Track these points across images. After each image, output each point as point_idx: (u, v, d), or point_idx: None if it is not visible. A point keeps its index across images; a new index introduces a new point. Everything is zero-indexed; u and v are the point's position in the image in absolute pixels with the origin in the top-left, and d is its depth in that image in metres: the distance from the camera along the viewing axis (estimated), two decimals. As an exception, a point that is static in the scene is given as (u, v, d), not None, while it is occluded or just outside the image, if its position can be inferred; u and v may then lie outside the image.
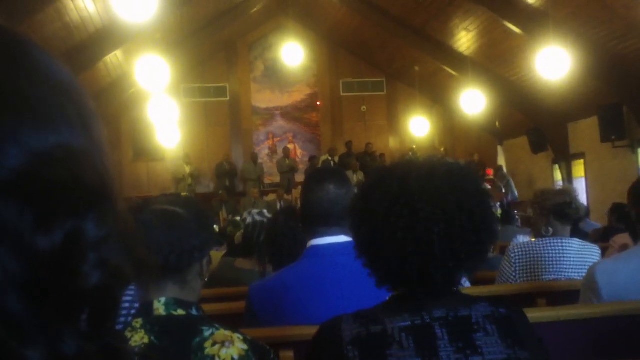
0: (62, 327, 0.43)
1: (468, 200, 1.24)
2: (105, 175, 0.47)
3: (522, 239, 4.03)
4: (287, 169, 14.78)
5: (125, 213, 0.50)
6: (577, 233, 3.54)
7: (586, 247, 3.20)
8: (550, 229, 3.22)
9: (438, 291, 1.26)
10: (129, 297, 1.95)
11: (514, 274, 3.20)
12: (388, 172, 1.32)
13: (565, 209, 3.19)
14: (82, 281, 0.44)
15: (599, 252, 3.27)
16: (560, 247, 3.15)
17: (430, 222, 1.21)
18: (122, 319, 1.93)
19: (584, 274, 3.06)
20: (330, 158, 14.68)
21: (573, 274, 3.11)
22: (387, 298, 1.33)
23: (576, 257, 3.14)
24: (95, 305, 0.46)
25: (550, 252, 3.15)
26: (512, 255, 3.22)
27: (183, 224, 1.45)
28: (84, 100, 0.49)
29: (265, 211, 3.89)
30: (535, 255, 3.17)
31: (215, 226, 9.81)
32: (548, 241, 3.18)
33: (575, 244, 3.18)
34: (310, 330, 1.80)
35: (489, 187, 9.46)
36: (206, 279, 1.58)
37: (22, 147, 0.42)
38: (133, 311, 1.87)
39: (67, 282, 0.43)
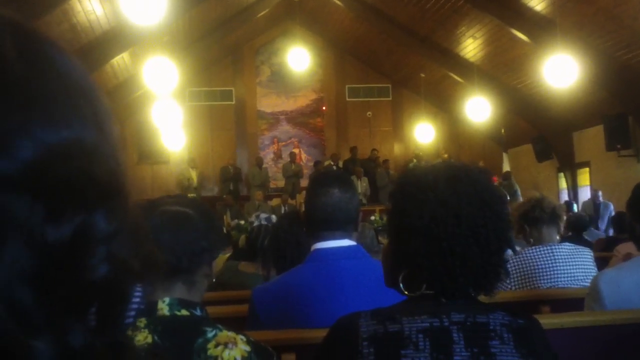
0: (70, 320, 0.43)
1: (491, 209, 1.27)
2: (117, 171, 0.47)
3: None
4: (293, 174, 14.77)
5: (135, 210, 0.50)
6: (580, 242, 3.51)
7: (577, 250, 3.16)
8: (531, 239, 3.22)
9: (455, 298, 1.27)
10: (137, 297, 1.96)
11: (509, 285, 3.17)
12: (413, 178, 1.34)
13: (530, 213, 3.19)
14: (91, 274, 0.44)
15: (591, 253, 3.24)
16: (550, 254, 3.11)
17: (451, 233, 1.24)
18: (131, 319, 1.93)
19: (577, 277, 3.06)
20: (332, 163, 14.65)
21: (567, 279, 3.08)
22: (401, 300, 1.34)
23: (568, 261, 3.11)
24: (103, 299, 0.46)
25: (540, 259, 3.11)
26: (506, 267, 3.18)
27: (193, 225, 1.46)
28: (97, 97, 0.49)
29: (273, 216, 3.88)
30: (528, 265, 3.14)
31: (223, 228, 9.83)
32: (537, 249, 3.14)
33: (566, 248, 3.14)
34: (312, 334, 1.81)
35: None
36: (214, 280, 1.59)
37: (34, 140, 0.42)
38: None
39: (75, 276, 0.43)
